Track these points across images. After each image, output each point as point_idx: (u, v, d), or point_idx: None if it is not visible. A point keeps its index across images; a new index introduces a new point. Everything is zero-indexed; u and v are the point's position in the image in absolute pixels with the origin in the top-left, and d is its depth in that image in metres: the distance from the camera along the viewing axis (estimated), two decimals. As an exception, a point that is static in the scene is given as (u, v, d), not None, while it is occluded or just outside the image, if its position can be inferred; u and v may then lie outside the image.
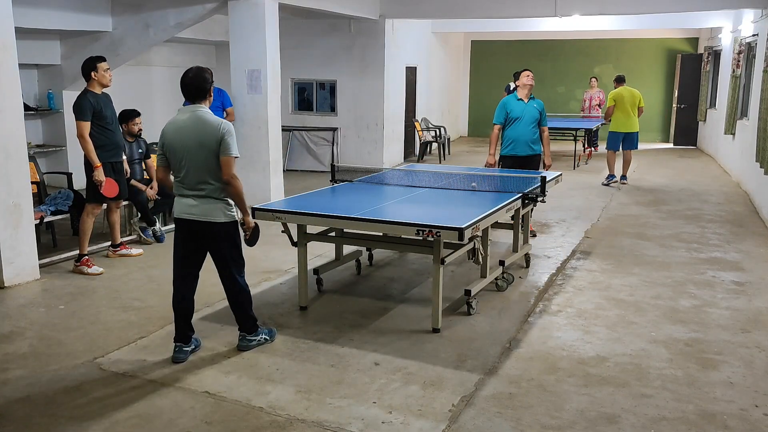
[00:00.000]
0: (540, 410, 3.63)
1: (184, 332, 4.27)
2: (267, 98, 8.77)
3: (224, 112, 8.56)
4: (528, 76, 7.12)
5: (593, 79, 15.21)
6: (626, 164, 11.22)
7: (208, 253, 4.26)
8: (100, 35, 9.46)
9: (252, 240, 4.29)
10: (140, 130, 7.19)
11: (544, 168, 7.18)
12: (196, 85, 4.05)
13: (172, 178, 4.24)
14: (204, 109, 4.07)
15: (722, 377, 4.05)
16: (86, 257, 6.16)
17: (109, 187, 6.09)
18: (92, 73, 6.01)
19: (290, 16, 11.86)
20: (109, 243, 6.71)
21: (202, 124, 4.00)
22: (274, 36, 8.80)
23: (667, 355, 4.36)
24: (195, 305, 4.35)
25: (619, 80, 11.36)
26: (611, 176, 11.17)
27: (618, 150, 11.13)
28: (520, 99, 7.12)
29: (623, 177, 11.15)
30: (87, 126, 5.90)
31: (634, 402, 3.73)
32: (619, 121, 11.08)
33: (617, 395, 3.80)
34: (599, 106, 14.87)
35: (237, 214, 4.17)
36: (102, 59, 6.11)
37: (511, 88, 14.93)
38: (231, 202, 4.11)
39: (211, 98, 4.17)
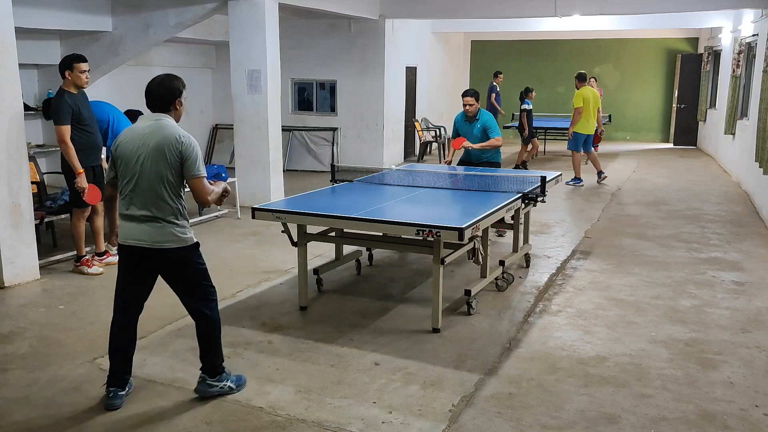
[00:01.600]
0: (540, 410, 3.63)
1: (120, 375, 3.66)
2: (267, 98, 8.77)
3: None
4: (466, 103, 7.03)
5: (593, 79, 15.20)
6: (596, 161, 11.38)
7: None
8: (100, 35, 9.46)
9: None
10: None
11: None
12: (159, 94, 3.54)
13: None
14: (168, 120, 3.55)
15: (722, 377, 4.05)
16: (85, 257, 6.07)
17: (92, 194, 5.69)
18: (66, 72, 5.64)
19: (290, 16, 11.86)
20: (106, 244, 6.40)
21: (164, 134, 3.47)
22: (274, 36, 8.80)
23: (667, 355, 4.36)
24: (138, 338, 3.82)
25: (582, 78, 11.15)
26: (578, 179, 11.07)
27: (580, 151, 11.22)
28: (466, 120, 7.12)
29: (601, 173, 11.21)
30: (68, 130, 5.56)
31: (634, 402, 3.73)
32: (585, 121, 11.04)
33: (617, 395, 3.80)
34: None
35: (193, 236, 3.63)
36: (82, 59, 5.72)
37: (497, 89, 14.99)
38: (185, 224, 3.56)
39: (179, 111, 3.61)
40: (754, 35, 10.41)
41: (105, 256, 6.29)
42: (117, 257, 5.52)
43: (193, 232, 3.63)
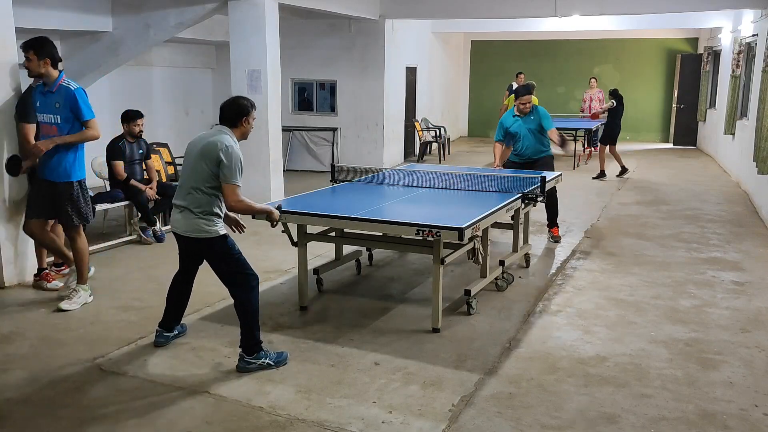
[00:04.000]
0: (540, 410, 3.63)
1: (169, 319, 4.46)
2: (267, 98, 8.77)
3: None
4: (523, 102, 7.04)
5: (593, 80, 15.22)
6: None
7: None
8: (100, 35, 9.45)
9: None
10: (141, 131, 7.17)
11: (561, 147, 7.19)
12: (231, 110, 4.10)
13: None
14: (226, 129, 4.07)
15: (722, 377, 4.06)
16: (45, 270, 5.65)
17: None
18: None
19: (290, 16, 11.86)
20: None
21: (215, 139, 3.97)
22: (274, 36, 8.80)
23: (667, 355, 4.36)
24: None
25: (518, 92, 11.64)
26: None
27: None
28: (516, 115, 7.13)
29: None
30: (32, 129, 5.14)
31: (634, 402, 3.73)
32: None
33: (617, 395, 3.81)
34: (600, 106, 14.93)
35: (221, 229, 4.08)
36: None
37: (514, 87, 15.00)
38: (211, 218, 4.02)
39: (245, 128, 4.16)
40: (753, 35, 10.42)
41: (63, 268, 5.91)
42: (74, 268, 5.50)
43: (220, 225, 4.07)
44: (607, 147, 11.74)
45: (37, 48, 4.99)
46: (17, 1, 5.81)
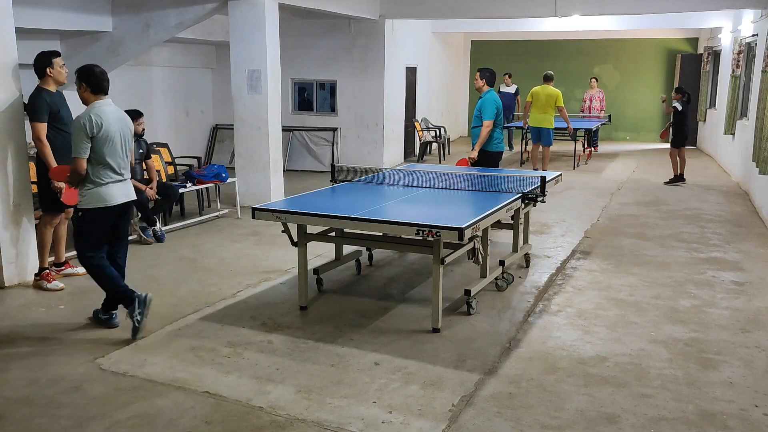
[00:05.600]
0: (540, 410, 3.63)
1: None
2: (267, 98, 8.77)
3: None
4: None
5: (593, 80, 15.23)
6: (545, 160, 11.88)
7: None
8: (100, 35, 9.45)
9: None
10: (143, 130, 7.18)
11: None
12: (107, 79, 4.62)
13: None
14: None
15: (722, 377, 4.06)
16: (46, 270, 5.68)
17: (69, 195, 5.19)
18: (48, 69, 5.40)
19: (290, 16, 11.87)
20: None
21: (124, 114, 4.75)
22: (274, 36, 8.80)
23: (667, 355, 4.36)
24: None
25: (547, 78, 11.91)
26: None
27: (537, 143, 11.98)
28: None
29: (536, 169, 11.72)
30: (44, 128, 5.35)
31: (634, 402, 3.73)
32: (533, 116, 11.84)
33: (617, 395, 3.81)
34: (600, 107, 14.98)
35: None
36: (57, 54, 5.50)
37: (500, 89, 15.04)
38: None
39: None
40: (753, 35, 10.42)
41: (64, 267, 5.92)
42: (76, 269, 5.78)
43: (89, 197, 4.56)
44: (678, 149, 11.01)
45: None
46: (17, 1, 5.81)
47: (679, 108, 10.76)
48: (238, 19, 8.71)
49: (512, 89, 15.20)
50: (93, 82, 4.58)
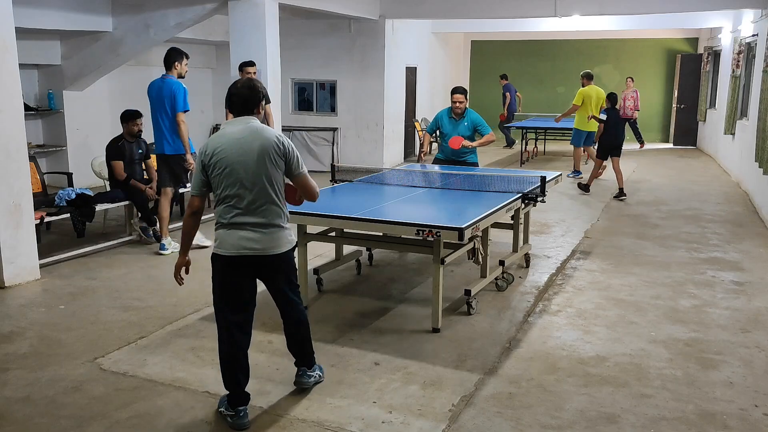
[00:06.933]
0: (540, 410, 3.63)
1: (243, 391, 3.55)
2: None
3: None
4: (456, 100, 6.86)
5: (629, 79, 15.29)
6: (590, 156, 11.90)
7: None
8: (100, 35, 9.46)
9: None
10: (140, 130, 7.17)
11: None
12: (245, 97, 3.48)
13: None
14: (257, 121, 3.50)
15: (722, 377, 4.06)
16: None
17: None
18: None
19: (290, 16, 11.86)
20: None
21: (261, 137, 3.42)
22: (274, 36, 8.80)
23: (667, 355, 4.36)
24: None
25: (588, 77, 11.61)
26: (577, 172, 11.76)
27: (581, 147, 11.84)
28: (452, 117, 6.94)
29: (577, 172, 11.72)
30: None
31: (634, 402, 3.73)
32: (584, 119, 11.44)
33: (617, 395, 3.81)
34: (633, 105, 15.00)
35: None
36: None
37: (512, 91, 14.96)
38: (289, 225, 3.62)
39: (261, 112, 3.57)
40: (753, 35, 10.41)
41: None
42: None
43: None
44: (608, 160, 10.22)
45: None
46: (17, 1, 5.81)
47: (603, 117, 9.89)
48: (238, 19, 8.70)
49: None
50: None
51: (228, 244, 3.43)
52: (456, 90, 6.95)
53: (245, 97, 3.47)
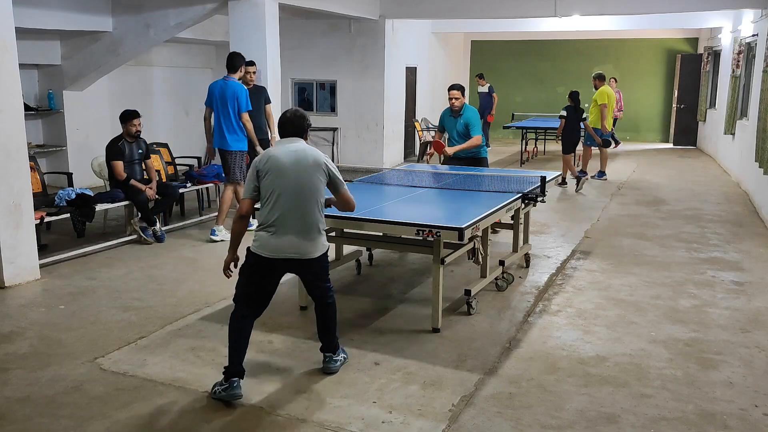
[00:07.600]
0: (540, 410, 3.63)
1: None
2: (267, 98, 8.76)
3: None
4: (452, 97, 6.90)
5: (613, 80, 15.20)
6: (586, 159, 11.79)
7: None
8: (100, 35, 9.46)
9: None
10: (138, 131, 7.16)
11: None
12: (296, 125, 3.95)
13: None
14: (304, 142, 3.94)
15: (722, 377, 4.06)
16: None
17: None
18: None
19: (290, 16, 11.86)
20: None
21: (315, 153, 3.88)
22: (274, 36, 8.80)
23: (667, 355, 4.36)
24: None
25: (602, 78, 11.63)
26: (602, 173, 11.66)
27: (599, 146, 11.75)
28: (451, 115, 7.03)
29: (584, 172, 11.56)
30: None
31: (634, 402, 3.73)
32: (609, 119, 11.54)
33: (617, 395, 3.81)
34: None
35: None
36: (252, 63, 7.06)
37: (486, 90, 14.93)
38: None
39: (308, 139, 4.03)
40: (753, 35, 10.42)
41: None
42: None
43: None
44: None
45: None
46: (17, 1, 5.81)
47: (564, 114, 10.70)
48: (238, 19, 8.70)
49: (486, 89, 15.14)
50: None
51: (271, 246, 3.76)
52: (452, 87, 7.00)
53: (297, 125, 3.95)
